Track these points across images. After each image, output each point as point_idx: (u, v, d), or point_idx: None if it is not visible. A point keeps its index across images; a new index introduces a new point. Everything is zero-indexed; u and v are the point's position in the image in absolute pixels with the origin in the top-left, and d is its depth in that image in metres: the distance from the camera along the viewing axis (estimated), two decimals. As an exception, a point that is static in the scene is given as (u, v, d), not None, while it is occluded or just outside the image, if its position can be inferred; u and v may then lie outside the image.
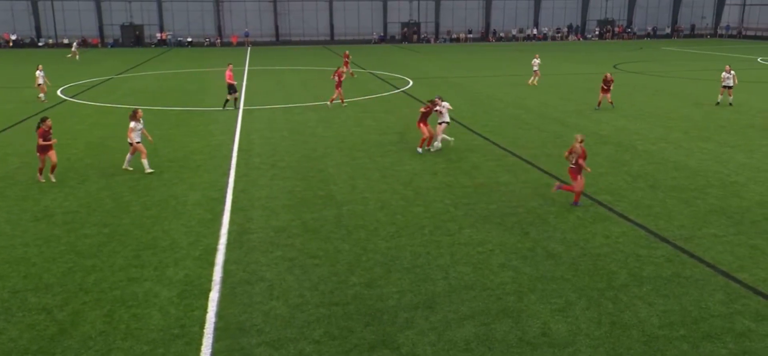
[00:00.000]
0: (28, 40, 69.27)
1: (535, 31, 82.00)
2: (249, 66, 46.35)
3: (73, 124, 22.69)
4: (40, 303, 8.83)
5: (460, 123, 22.56)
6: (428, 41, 78.64)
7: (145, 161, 15.71)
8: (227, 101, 25.63)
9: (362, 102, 27.81)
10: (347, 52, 42.05)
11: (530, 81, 34.17)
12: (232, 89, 25.55)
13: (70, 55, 52.76)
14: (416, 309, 8.65)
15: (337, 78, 26.38)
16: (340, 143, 19.21)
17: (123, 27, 71.09)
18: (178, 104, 27.61)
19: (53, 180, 14.90)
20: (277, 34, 75.36)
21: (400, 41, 78.50)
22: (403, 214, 12.64)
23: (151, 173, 15.59)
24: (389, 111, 25.17)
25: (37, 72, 28.65)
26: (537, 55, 36.07)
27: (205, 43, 72.30)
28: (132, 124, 15.64)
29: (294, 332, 8.05)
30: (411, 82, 35.53)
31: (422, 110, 17.93)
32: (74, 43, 56.99)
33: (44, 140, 14.69)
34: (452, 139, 18.93)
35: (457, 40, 79.84)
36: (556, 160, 16.88)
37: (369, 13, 78.34)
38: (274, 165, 16.53)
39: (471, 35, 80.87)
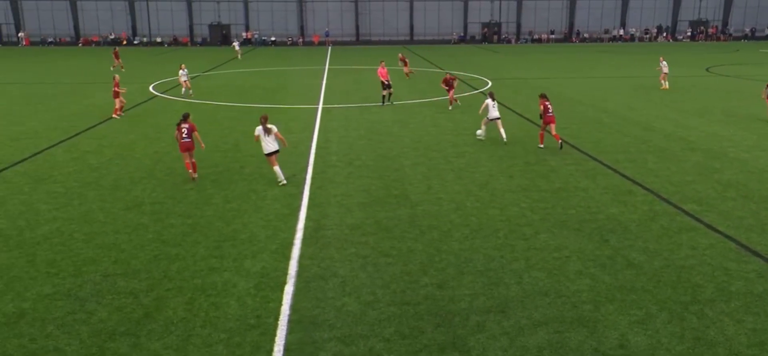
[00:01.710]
0: (122, 39, 73.23)
1: (621, 32, 79.11)
2: (329, 65, 47.13)
3: (162, 119, 23.79)
4: (128, 287, 9.31)
5: (538, 125, 22.07)
6: (509, 42, 77.45)
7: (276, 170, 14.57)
8: (384, 96, 26.84)
9: (439, 102, 27.70)
10: (402, 54, 41.29)
11: (662, 86, 32.29)
12: (385, 85, 26.77)
13: (238, 52, 55.79)
14: (488, 313, 8.53)
15: (446, 85, 26.25)
16: (415, 143, 19.22)
17: (211, 26, 73.93)
18: (261, 101, 28.44)
19: (195, 177, 14.96)
20: (357, 34, 76.30)
21: (480, 42, 77.71)
22: (477, 216, 12.50)
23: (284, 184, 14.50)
24: (466, 112, 24.95)
25: (180, 72, 30.63)
26: (662, 58, 34.07)
27: (288, 43, 74.13)
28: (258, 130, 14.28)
29: (365, 329, 8.11)
30: (490, 83, 35.11)
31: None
32: (236, 43, 59.76)
33: (179, 138, 14.74)
34: (504, 137, 19.21)
35: (539, 40, 78.18)
36: (639, 165, 16.22)
37: (449, 13, 78.00)
38: (350, 163, 16.74)
39: (553, 36, 78.98)
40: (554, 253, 10.59)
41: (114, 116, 23.94)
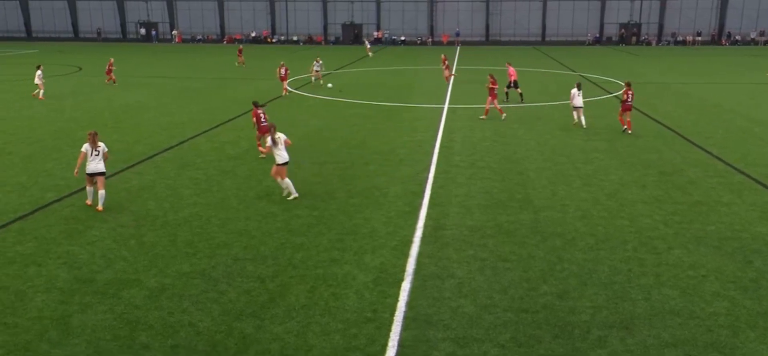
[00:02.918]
0: (261, 37, 77.43)
1: (779, 34, 72.01)
2: (457, 65, 47.00)
3: (295, 114, 24.91)
4: (256, 271, 9.86)
5: (678, 133, 20.69)
6: (649, 44, 73.13)
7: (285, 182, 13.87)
8: (521, 94, 27.94)
9: (569, 106, 26.72)
10: (444, 55, 39.37)
11: None
12: (515, 85, 28.14)
13: (369, 50, 58.75)
14: (611, 328, 8.13)
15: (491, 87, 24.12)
16: (541, 147, 18.69)
17: (344, 26, 76.31)
18: (388, 99, 28.94)
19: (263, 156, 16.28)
20: (487, 34, 75.45)
21: (617, 43, 74.01)
22: (604, 226, 11.94)
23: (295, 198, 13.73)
24: (598, 116, 23.87)
25: (315, 63, 34.76)
26: None
27: (417, 42, 74.81)
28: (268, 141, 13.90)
29: (480, 332, 8.03)
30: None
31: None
32: (367, 42, 63.21)
33: (258, 123, 17.25)
34: (584, 124, 21.29)
35: (683, 42, 73.11)
36: (795, 182, 14.72)
37: (585, 13, 75.01)
38: (473, 164, 16.60)
39: (700, 38, 73.51)
40: (689, 271, 9.88)
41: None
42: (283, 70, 31.11)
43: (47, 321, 8.31)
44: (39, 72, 29.58)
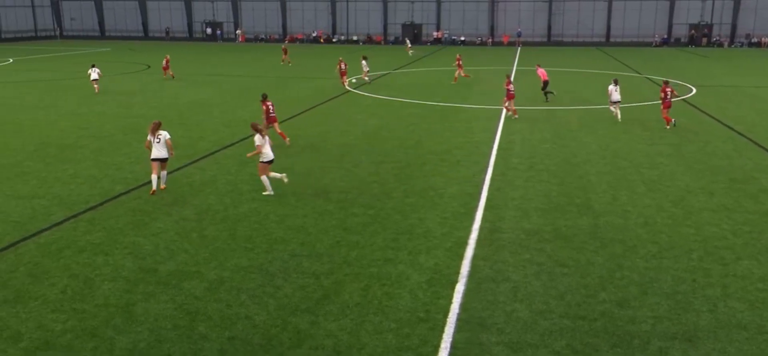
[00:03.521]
0: (324, 37, 78.38)
1: None
2: (517, 66, 46.34)
3: (353, 113, 25.11)
4: (312, 268, 10.00)
5: (750, 139, 19.78)
6: (721, 45, 70.18)
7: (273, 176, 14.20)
8: (550, 93, 28.20)
9: (634, 109, 25.96)
10: (459, 55, 38.64)
11: None
12: (544, 85, 28.41)
13: (409, 49, 59.82)
14: (673, 340, 7.84)
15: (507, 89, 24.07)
16: (603, 150, 18.21)
17: (404, 25, 76.42)
18: (444, 99, 28.80)
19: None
20: (549, 35, 74.07)
21: (686, 44, 71.34)
22: (668, 233, 11.53)
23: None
24: (664, 121, 23.05)
25: (363, 62, 35.46)
26: None
27: (477, 42, 74.17)
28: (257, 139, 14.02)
29: (534, 338, 7.89)
30: (694, 90, 32.13)
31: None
32: (408, 41, 63.87)
33: (266, 114, 18.49)
34: (619, 118, 22.48)
35: (758, 44, 69.80)
36: None
37: (652, 13, 72.60)
38: (531, 167, 16.34)
39: (777, 39, 69.96)
40: (758, 284, 9.43)
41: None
42: (343, 65, 33.58)
43: (113, 308, 8.66)
44: (96, 69, 31.83)
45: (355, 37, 77.55)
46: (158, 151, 13.81)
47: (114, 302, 8.83)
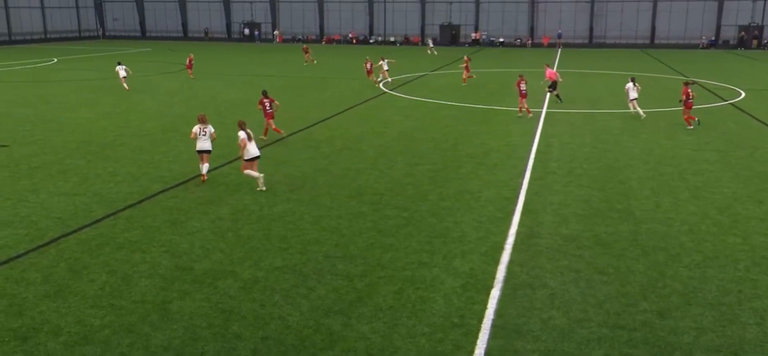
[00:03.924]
0: (362, 37, 78.69)
1: None
2: (557, 68, 45.77)
3: (389, 114, 25.14)
4: (345, 270, 10.04)
5: (802, 146, 19.11)
6: (772, 47, 68.03)
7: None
8: (558, 96, 27.86)
9: (678, 113, 25.36)
10: (467, 56, 38.07)
11: None
12: (553, 86, 28.27)
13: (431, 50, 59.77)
14: (717, 353, 7.63)
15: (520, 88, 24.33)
16: (646, 155, 17.84)
17: (441, 26, 76.19)
18: (483, 102, 28.62)
19: (265, 138, 18.82)
20: (590, 36, 72.92)
21: (735, 47, 69.39)
22: (713, 242, 11.23)
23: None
24: (710, 126, 22.49)
25: (382, 62, 35.42)
26: None
27: (517, 44, 73.49)
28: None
29: (571, 347, 7.77)
30: (743, 94, 31.23)
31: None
32: (430, 41, 63.94)
33: (264, 110, 19.23)
34: (644, 115, 23.36)
35: (812, 46, 67.46)
36: None
37: (699, 14, 70.81)
38: (571, 171, 16.10)
39: (833, 41, 67.53)
40: (809, 296, 9.11)
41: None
42: (368, 65, 35.24)
43: (149, 305, 8.84)
44: (123, 67, 33.13)
45: (392, 38, 77.61)
46: (203, 143, 15.00)
47: (150, 299, 9.02)
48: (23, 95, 31.08)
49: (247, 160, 14.42)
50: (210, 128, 15.17)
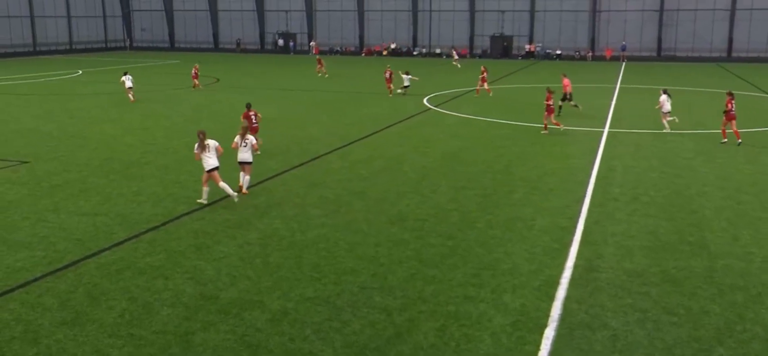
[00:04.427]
0: (405, 49, 79.14)
1: None
2: (621, 84, 45.12)
3: (433, 133, 25.13)
4: (383, 303, 10.00)
5: None
6: None
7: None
8: (576, 106, 29.11)
9: (759, 134, 24.67)
10: (484, 67, 38.14)
11: None
12: (569, 97, 29.42)
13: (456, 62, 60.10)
14: (806, 409, 7.30)
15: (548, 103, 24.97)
16: (722, 182, 17.37)
17: (492, 37, 76.01)
18: (538, 120, 28.35)
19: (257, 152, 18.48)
20: (659, 49, 71.72)
21: (825, 60, 67.27)
22: (801, 282, 10.81)
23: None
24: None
25: (404, 76, 37.54)
26: None
27: (576, 56, 72.79)
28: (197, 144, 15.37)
29: (636, 396, 7.55)
30: (835, 114, 30.20)
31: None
32: (454, 52, 64.31)
33: (250, 123, 19.59)
34: (676, 119, 25.00)
35: None
36: None
37: (784, 23, 68.98)
38: (636, 199, 15.78)
39: None
40: None
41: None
42: (388, 74, 37.98)
43: (171, 335, 8.95)
44: (129, 77, 34.56)
45: (437, 50, 77.69)
46: (244, 154, 16.03)
47: (172, 329, 9.13)
48: (47, 108, 32.20)
49: (207, 171, 15.01)
50: (251, 139, 16.18)
